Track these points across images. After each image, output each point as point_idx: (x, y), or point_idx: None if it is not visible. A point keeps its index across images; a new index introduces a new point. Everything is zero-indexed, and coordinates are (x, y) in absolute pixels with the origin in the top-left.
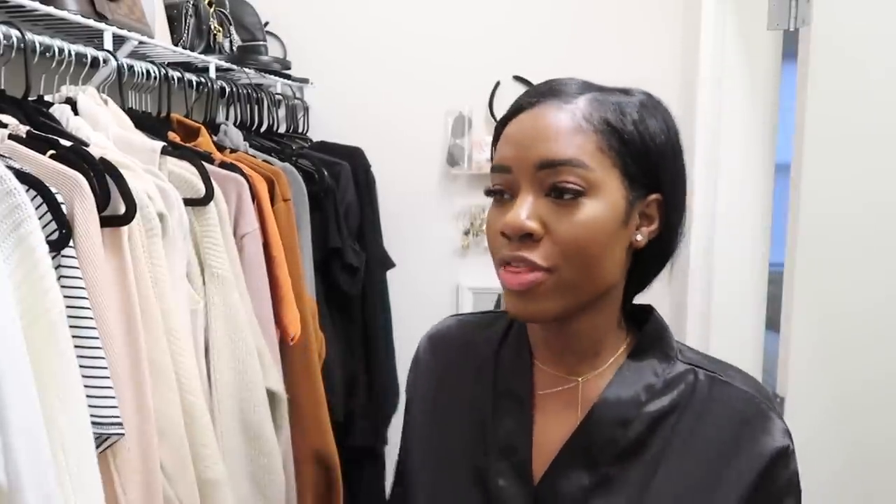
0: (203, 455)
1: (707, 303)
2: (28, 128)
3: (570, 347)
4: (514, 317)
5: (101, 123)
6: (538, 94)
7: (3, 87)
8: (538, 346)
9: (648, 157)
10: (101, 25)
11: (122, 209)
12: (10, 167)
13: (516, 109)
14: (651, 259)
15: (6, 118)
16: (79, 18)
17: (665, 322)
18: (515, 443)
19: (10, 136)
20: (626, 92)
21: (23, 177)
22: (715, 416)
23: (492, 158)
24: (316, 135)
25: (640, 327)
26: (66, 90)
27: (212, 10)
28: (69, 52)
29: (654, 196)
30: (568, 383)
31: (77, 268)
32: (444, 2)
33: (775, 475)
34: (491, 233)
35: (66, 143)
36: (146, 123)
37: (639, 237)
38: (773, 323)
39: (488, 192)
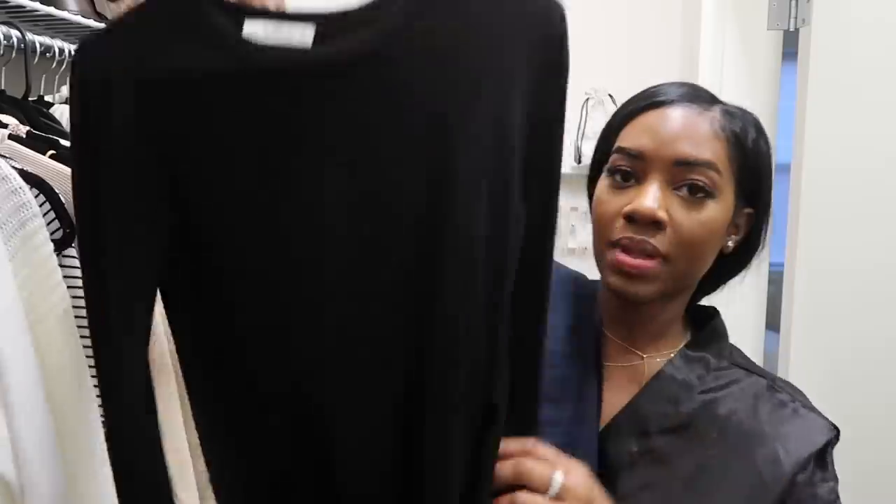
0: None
1: (707, 303)
2: (28, 128)
3: (642, 327)
4: (616, 292)
5: None
6: (678, 95)
7: (3, 87)
8: (609, 316)
9: (756, 174)
10: (102, 25)
11: None
12: (12, 167)
13: (652, 104)
14: (728, 266)
15: (6, 118)
16: (79, 19)
17: (725, 327)
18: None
19: (10, 136)
20: (742, 110)
21: (26, 176)
22: (759, 413)
23: (605, 142)
24: None
25: (700, 325)
26: (67, 90)
27: None
28: (69, 52)
29: (748, 210)
30: (632, 359)
31: (79, 267)
32: None
33: (807, 479)
34: (607, 212)
35: (66, 143)
36: None
37: (729, 243)
38: (773, 323)
39: (610, 171)
